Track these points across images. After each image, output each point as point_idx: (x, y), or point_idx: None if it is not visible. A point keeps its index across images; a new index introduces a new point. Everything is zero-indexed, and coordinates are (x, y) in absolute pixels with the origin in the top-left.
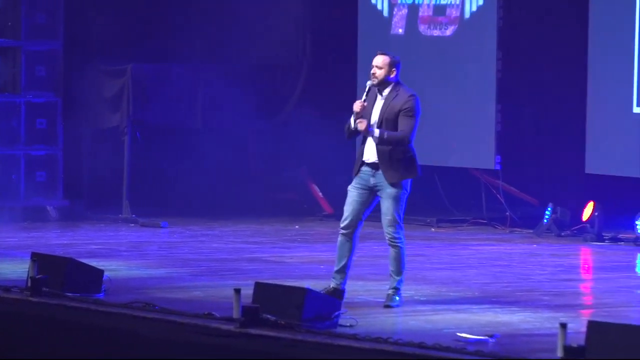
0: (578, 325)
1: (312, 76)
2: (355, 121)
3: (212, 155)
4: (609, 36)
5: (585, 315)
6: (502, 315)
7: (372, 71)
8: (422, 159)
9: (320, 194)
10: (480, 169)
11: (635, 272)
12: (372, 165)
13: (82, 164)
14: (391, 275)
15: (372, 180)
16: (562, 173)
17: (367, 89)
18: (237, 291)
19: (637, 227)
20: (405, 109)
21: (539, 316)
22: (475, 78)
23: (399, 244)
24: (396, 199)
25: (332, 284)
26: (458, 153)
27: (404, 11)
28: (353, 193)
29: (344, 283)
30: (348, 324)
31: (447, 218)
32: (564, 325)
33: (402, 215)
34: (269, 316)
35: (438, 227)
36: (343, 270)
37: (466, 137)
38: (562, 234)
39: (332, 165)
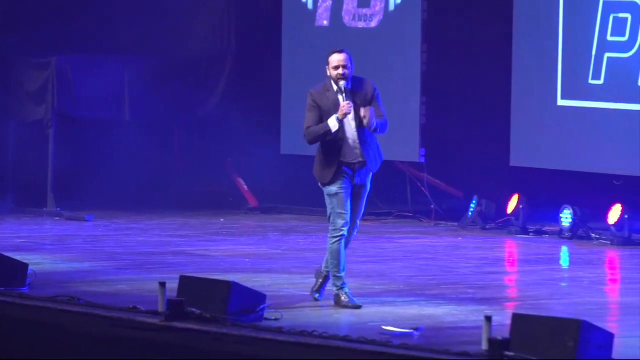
0: (503, 317)
1: (237, 69)
2: (339, 122)
3: (137, 148)
4: (533, 29)
5: (510, 308)
6: (426, 308)
7: (339, 71)
8: None
9: (245, 187)
10: (405, 162)
11: (559, 265)
12: (354, 164)
13: (6, 157)
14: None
15: (355, 180)
16: (487, 166)
17: (343, 90)
18: (162, 284)
19: (562, 219)
20: (374, 97)
21: (463, 309)
22: (399, 70)
23: (352, 240)
24: (368, 195)
25: (337, 288)
26: (382, 146)
27: (329, 3)
28: (343, 195)
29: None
30: (273, 317)
31: (372, 211)
32: (488, 318)
33: None
34: (194, 309)
35: (363, 219)
36: (344, 269)
37: (391, 130)
38: (487, 226)
39: (256, 158)
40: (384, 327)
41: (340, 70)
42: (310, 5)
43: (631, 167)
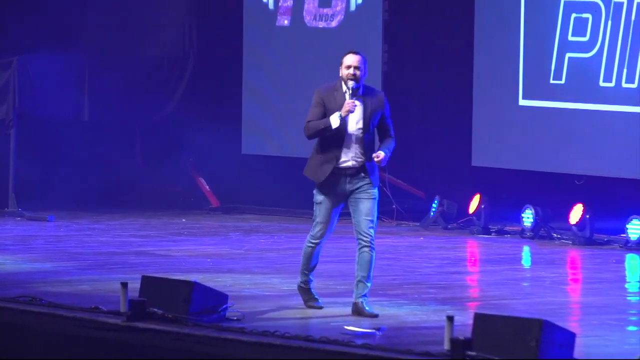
0: (465, 317)
1: (199, 69)
2: (341, 120)
3: (99, 148)
4: (494, 29)
5: (472, 308)
6: (389, 308)
7: (350, 72)
8: (308, 152)
9: (207, 187)
10: None
11: (521, 265)
12: (349, 170)
13: None
14: (361, 282)
15: (348, 187)
16: (449, 166)
17: (351, 91)
18: (124, 285)
19: (523, 219)
20: (387, 109)
21: (425, 309)
22: None
23: (373, 247)
24: (376, 201)
25: (301, 282)
26: None
27: (289, 3)
28: (328, 204)
29: (311, 274)
30: (235, 318)
31: None
32: (450, 318)
33: None
34: (156, 310)
35: None
36: (312, 269)
37: None
38: (449, 226)
39: (218, 158)
40: (346, 327)
41: (351, 71)
42: (271, 5)
43: (592, 167)
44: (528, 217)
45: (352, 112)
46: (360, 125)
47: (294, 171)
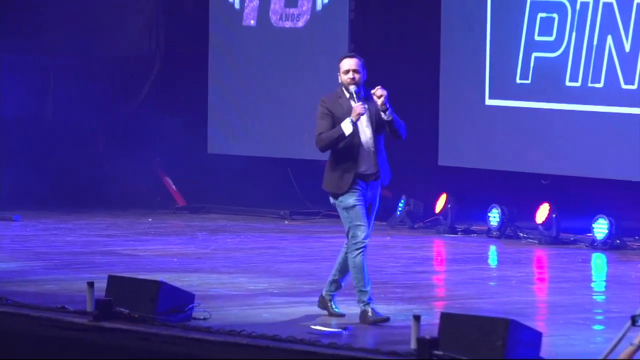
0: (431, 317)
1: (165, 68)
2: (353, 125)
3: (65, 148)
4: (461, 28)
5: (439, 307)
6: (355, 308)
7: (350, 76)
8: (274, 151)
9: (173, 186)
10: None
11: (487, 264)
12: (368, 176)
13: None
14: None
15: (368, 193)
16: (415, 165)
17: (356, 95)
18: (91, 284)
19: (490, 218)
20: (389, 107)
21: (392, 308)
22: (327, 70)
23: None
24: (376, 212)
25: (363, 304)
26: (311, 145)
27: (256, 3)
28: (360, 207)
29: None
30: (202, 317)
31: (300, 210)
32: (417, 317)
33: None
34: (122, 309)
35: (291, 219)
36: (369, 282)
37: None
38: (415, 226)
39: (184, 158)
40: (312, 326)
41: (350, 75)
42: (237, 5)
43: (559, 167)
44: (494, 216)
45: (363, 114)
46: (370, 128)
47: (260, 170)
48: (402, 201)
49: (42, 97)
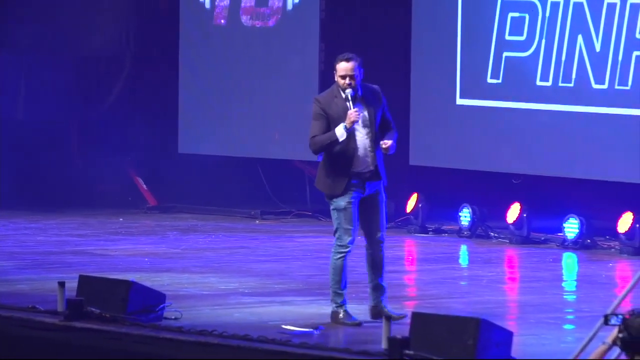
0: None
1: (135, 68)
2: (347, 131)
3: (35, 147)
4: (431, 27)
5: (410, 307)
6: (326, 308)
7: (346, 81)
8: (245, 151)
9: (144, 186)
10: (304, 161)
11: (458, 264)
12: (365, 175)
13: None
14: (381, 286)
15: (365, 192)
16: (386, 164)
17: (352, 100)
18: (62, 284)
19: (461, 218)
20: (384, 105)
21: (363, 308)
22: (298, 69)
23: (383, 248)
24: (385, 204)
25: (336, 306)
26: (281, 145)
27: (226, 2)
28: (351, 210)
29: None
30: (173, 317)
31: (271, 210)
32: (388, 317)
33: None
34: (93, 309)
35: (262, 219)
36: (346, 286)
37: (289, 129)
38: (386, 225)
39: (155, 157)
40: (284, 326)
41: (347, 81)
42: (208, 4)
43: (530, 166)
44: (465, 216)
45: (356, 122)
46: (367, 127)
47: (231, 170)
48: None
49: (13, 96)
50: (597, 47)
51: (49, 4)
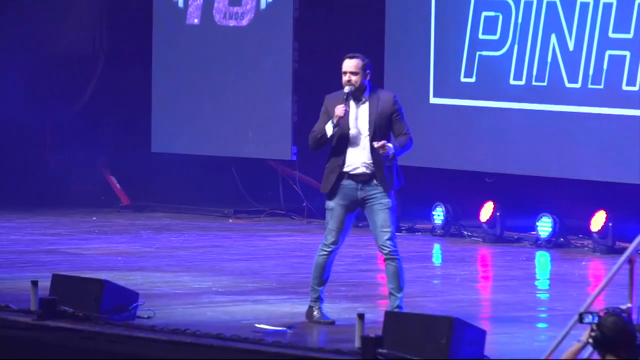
0: (375, 315)
1: (109, 67)
2: (334, 127)
3: (8, 146)
4: (405, 26)
5: (383, 306)
6: (300, 306)
7: (346, 78)
8: (219, 150)
9: (117, 185)
10: (277, 160)
11: (431, 262)
12: (359, 176)
13: None
14: (391, 294)
15: (359, 194)
16: None
17: (346, 96)
18: (35, 283)
19: (434, 217)
20: (396, 111)
21: (336, 307)
22: (271, 69)
23: (397, 257)
24: (392, 210)
25: (311, 301)
26: (255, 144)
27: (199, 1)
28: (338, 211)
29: (322, 291)
30: (146, 316)
31: (244, 209)
32: (361, 316)
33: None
34: (66, 308)
35: (235, 218)
36: (323, 284)
37: (263, 128)
38: (360, 224)
39: (128, 156)
40: (257, 325)
41: (346, 77)
42: (181, 3)
43: (503, 165)
44: (439, 214)
45: (342, 117)
46: (366, 129)
47: (205, 169)
48: None
49: None
50: (571, 47)
51: (22, 4)
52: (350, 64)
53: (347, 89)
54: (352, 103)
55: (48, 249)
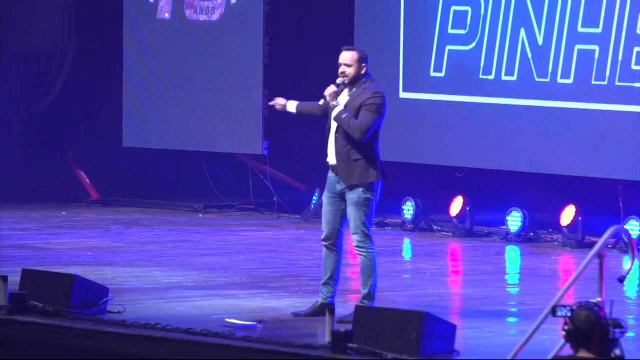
0: (345, 310)
1: (79, 62)
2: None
3: None
4: (374, 21)
5: (353, 300)
6: (269, 301)
7: (340, 70)
8: (188, 144)
9: (87, 179)
10: (248, 154)
11: (401, 257)
12: (334, 168)
13: None
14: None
15: (337, 187)
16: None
17: (337, 87)
18: (4, 278)
19: (404, 211)
20: (368, 103)
21: (306, 301)
22: (242, 63)
23: (363, 253)
24: (358, 204)
25: (319, 299)
26: (225, 138)
27: None
28: (325, 202)
29: (332, 296)
30: (116, 310)
31: (214, 203)
32: (331, 310)
33: (370, 222)
34: (36, 303)
35: (205, 212)
36: (329, 283)
37: (233, 122)
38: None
39: (98, 151)
40: (227, 319)
41: (341, 69)
42: None
43: (472, 159)
44: (408, 209)
45: (325, 95)
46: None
47: (174, 163)
48: (316, 194)
49: None
50: (540, 41)
51: None
52: (345, 56)
53: (339, 80)
54: (345, 93)
55: (17, 243)
